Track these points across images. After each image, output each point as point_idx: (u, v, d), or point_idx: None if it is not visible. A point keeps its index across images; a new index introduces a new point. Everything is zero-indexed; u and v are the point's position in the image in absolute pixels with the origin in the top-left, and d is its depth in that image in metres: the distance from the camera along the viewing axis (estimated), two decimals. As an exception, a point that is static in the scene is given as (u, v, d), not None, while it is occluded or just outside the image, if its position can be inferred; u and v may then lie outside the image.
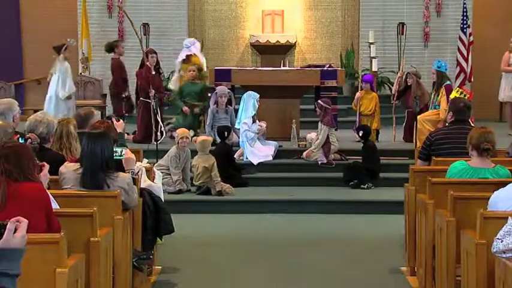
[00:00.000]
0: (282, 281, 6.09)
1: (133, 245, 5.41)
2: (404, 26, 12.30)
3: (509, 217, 3.85)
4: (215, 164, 8.92)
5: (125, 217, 4.97)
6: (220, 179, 8.94)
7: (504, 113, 13.34)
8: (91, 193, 4.79)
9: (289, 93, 10.91)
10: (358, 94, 11.33)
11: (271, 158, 10.01)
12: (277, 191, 9.29)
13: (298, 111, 11.09)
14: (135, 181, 5.32)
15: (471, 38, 13.03)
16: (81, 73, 13.18)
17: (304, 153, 9.98)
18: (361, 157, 9.74)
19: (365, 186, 9.37)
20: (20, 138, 5.17)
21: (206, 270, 6.40)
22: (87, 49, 13.39)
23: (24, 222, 2.82)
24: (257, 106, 10.29)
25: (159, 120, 10.82)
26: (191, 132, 9.96)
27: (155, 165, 8.37)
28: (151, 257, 5.88)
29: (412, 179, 6.17)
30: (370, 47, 12.43)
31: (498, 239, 3.83)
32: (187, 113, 10.98)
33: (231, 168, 9.56)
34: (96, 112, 6.69)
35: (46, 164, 4.35)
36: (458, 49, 13.03)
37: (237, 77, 11.14)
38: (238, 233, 7.86)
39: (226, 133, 9.76)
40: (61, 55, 11.07)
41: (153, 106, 10.51)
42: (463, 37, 12.98)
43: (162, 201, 6.07)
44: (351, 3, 14.73)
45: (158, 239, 6.11)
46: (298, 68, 13.17)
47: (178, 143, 9.03)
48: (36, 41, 14.65)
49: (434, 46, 13.93)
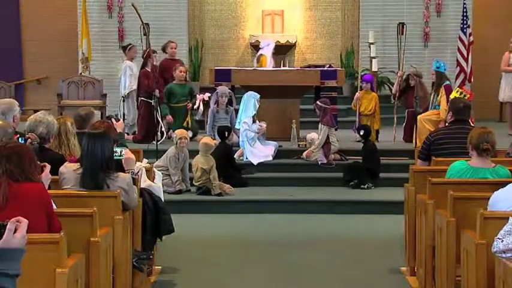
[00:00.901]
0: (282, 281, 6.10)
1: (133, 245, 5.41)
2: (404, 26, 12.27)
3: (510, 217, 3.85)
4: (214, 166, 8.91)
5: (124, 217, 4.97)
6: (219, 181, 8.94)
7: (504, 113, 13.34)
8: (91, 193, 4.79)
9: (289, 93, 10.91)
10: (357, 94, 11.34)
11: (271, 158, 10.01)
12: (277, 191, 9.29)
13: (298, 111, 11.09)
14: (135, 181, 5.32)
15: (471, 38, 13.03)
16: (81, 73, 13.18)
17: (304, 154, 9.99)
18: (361, 157, 9.75)
19: (365, 186, 9.37)
20: (20, 138, 5.17)
21: (206, 270, 6.40)
22: (87, 49, 13.39)
23: (24, 222, 2.81)
24: (258, 106, 10.29)
25: (160, 120, 10.83)
26: (190, 133, 9.97)
27: (154, 165, 8.37)
28: (151, 257, 5.88)
29: (412, 179, 6.16)
30: (370, 47, 12.42)
31: (498, 238, 3.84)
32: (171, 121, 10.94)
33: (231, 168, 9.57)
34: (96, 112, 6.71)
35: (47, 164, 4.35)
36: (458, 49, 13.03)
37: (237, 77, 11.14)
38: (238, 233, 7.86)
39: (226, 133, 9.78)
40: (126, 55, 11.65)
41: (153, 106, 10.52)
42: (463, 37, 12.98)
43: (162, 201, 6.07)
44: (351, 3, 14.74)
45: (158, 239, 6.11)
46: (298, 68, 13.16)
47: (176, 143, 9.05)
48: (36, 41, 14.67)
49: (434, 46, 13.93)
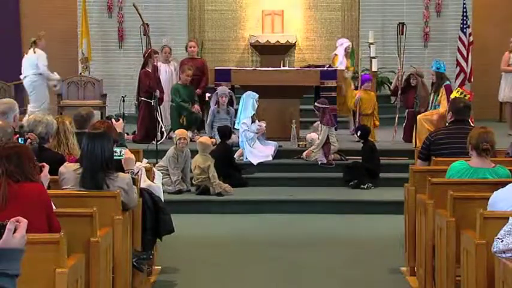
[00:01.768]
0: (282, 281, 6.10)
1: (133, 245, 5.41)
2: (404, 26, 12.27)
3: (510, 217, 3.85)
4: (212, 165, 8.92)
5: (124, 217, 4.97)
6: (218, 181, 8.94)
7: (504, 113, 13.34)
8: (91, 193, 4.79)
9: (289, 93, 10.92)
10: (358, 95, 11.36)
11: (271, 158, 10.01)
12: (277, 191, 9.29)
13: (298, 111, 11.10)
14: (135, 181, 5.32)
15: (471, 38, 13.04)
16: (81, 73, 13.19)
17: (304, 153, 9.99)
18: (360, 157, 9.75)
19: (365, 186, 9.38)
20: (19, 139, 5.17)
21: (206, 270, 6.40)
22: (87, 49, 13.40)
23: (24, 222, 2.81)
24: (256, 106, 10.30)
25: (160, 120, 10.84)
26: (189, 133, 9.98)
27: (155, 166, 8.38)
28: (151, 257, 5.88)
29: (412, 179, 6.17)
30: (369, 47, 12.42)
31: (498, 238, 3.84)
32: (199, 110, 10.99)
33: (231, 168, 9.58)
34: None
35: (46, 164, 4.35)
36: (458, 49, 13.04)
37: (236, 77, 11.15)
38: (238, 233, 7.87)
39: (228, 133, 9.81)
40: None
41: (153, 106, 10.53)
42: (463, 37, 12.98)
43: (162, 201, 6.07)
44: (351, 3, 14.74)
45: (158, 239, 6.11)
46: (298, 68, 13.16)
47: (176, 143, 9.05)
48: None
49: (434, 46, 13.94)
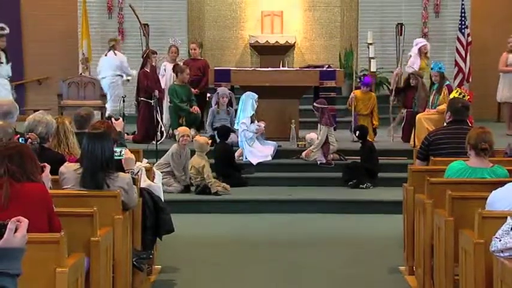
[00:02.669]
0: (281, 281, 6.10)
1: (133, 244, 5.41)
2: (403, 26, 12.31)
3: (508, 216, 3.86)
4: (206, 166, 8.95)
5: (124, 217, 4.97)
6: (212, 180, 8.96)
7: (502, 113, 13.35)
8: (91, 193, 4.79)
9: (289, 93, 10.93)
10: (352, 94, 11.35)
11: (270, 158, 10.02)
12: (277, 190, 9.30)
13: (297, 111, 11.11)
14: (135, 181, 5.32)
15: (469, 38, 13.06)
16: (81, 73, 13.19)
17: (304, 153, 10.00)
18: (359, 157, 9.76)
19: (364, 186, 9.38)
20: (20, 139, 5.17)
21: (206, 270, 6.40)
22: (87, 50, 13.40)
23: (25, 222, 2.82)
24: (256, 106, 10.31)
25: (160, 120, 10.84)
26: (192, 131, 10.01)
27: (155, 164, 8.40)
28: (151, 256, 5.88)
29: (411, 179, 6.17)
30: (368, 47, 12.46)
31: (496, 238, 3.84)
32: (196, 112, 10.99)
33: (231, 168, 9.59)
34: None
35: (47, 164, 4.35)
36: (457, 50, 13.06)
37: (236, 77, 11.15)
38: (237, 232, 7.87)
39: (226, 133, 9.82)
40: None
41: (153, 106, 10.53)
42: (461, 38, 13.01)
43: (162, 201, 6.07)
44: (350, 4, 14.75)
45: (158, 239, 6.11)
46: (297, 68, 13.18)
47: (179, 141, 9.09)
48: (37, 41, 14.68)
49: (433, 46, 13.89)
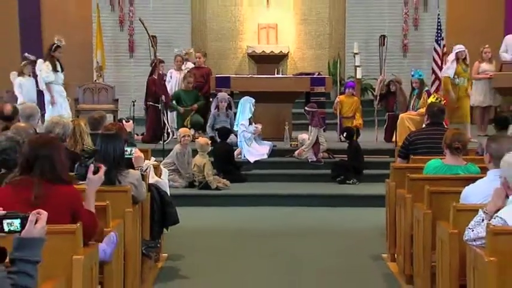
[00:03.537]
0: (275, 268, 6.08)
1: (142, 234, 5.40)
2: (386, 38, 12.30)
3: (480, 209, 3.86)
4: (207, 164, 8.95)
5: (134, 210, 4.96)
6: (212, 177, 8.95)
7: (474, 116, 13.34)
8: (104, 188, 4.76)
9: (283, 98, 10.92)
10: (337, 99, 11.36)
11: (266, 156, 10.01)
12: (272, 186, 9.29)
13: (291, 114, 11.10)
14: (144, 177, 5.31)
15: (445, 49, 13.06)
16: (95, 80, 13.17)
17: (296, 152, 9.98)
18: (346, 156, 9.75)
19: (350, 182, 9.37)
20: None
21: (208, 257, 6.39)
22: (101, 59, 13.39)
23: (44, 214, 2.81)
24: (253, 109, 10.31)
25: (166, 122, 10.83)
26: (192, 131, 10.03)
27: (162, 162, 8.39)
28: (158, 245, 5.87)
29: (393, 176, 6.16)
30: (354, 57, 12.44)
31: (469, 228, 3.84)
32: (182, 112, 11.02)
33: (231, 165, 9.57)
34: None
35: (103, 166, 4.28)
36: (434, 59, 13.05)
37: (235, 83, 11.15)
38: (236, 224, 7.85)
39: (226, 133, 9.81)
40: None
41: (160, 109, 10.53)
42: (438, 48, 13.01)
43: (168, 195, 6.06)
44: (338, 18, 14.75)
45: (165, 230, 6.10)
46: (291, 75, 13.14)
47: (180, 141, 9.09)
48: (56, 52, 14.62)
49: (412, 56, 13.97)
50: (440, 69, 12.91)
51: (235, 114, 10.63)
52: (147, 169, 5.73)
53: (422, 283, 4.93)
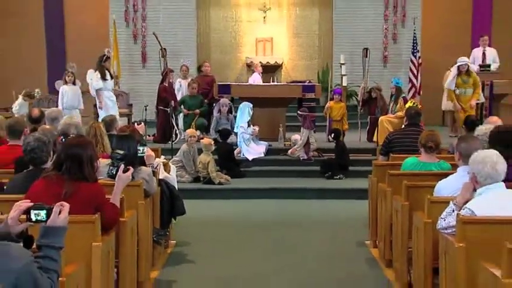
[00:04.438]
0: (271, 253, 6.09)
1: (153, 224, 5.40)
2: (368, 50, 12.29)
3: (451, 201, 3.86)
4: (211, 162, 8.94)
5: (146, 202, 4.96)
6: (215, 173, 8.94)
7: (445, 119, 13.39)
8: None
9: (277, 103, 10.90)
10: (327, 104, 11.37)
11: (263, 155, 10.01)
12: (268, 181, 9.27)
13: (285, 117, 11.08)
14: (155, 173, 5.31)
15: (420, 60, 13.09)
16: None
17: (289, 151, 9.98)
18: (334, 154, 9.75)
19: (337, 177, 9.37)
20: (62, 139, 5.15)
21: (211, 244, 6.39)
22: (117, 68, 13.37)
23: (67, 206, 2.81)
24: (251, 113, 10.31)
25: (175, 125, 10.83)
26: (198, 132, 10.03)
27: (171, 160, 8.39)
28: (167, 233, 5.87)
29: (374, 172, 6.17)
30: (341, 66, 12.42)
31: (442, 218, 3.84)
32: (186, 114, 11.01)
33: (232, 163, 9.57)
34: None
35: (132, 168, 4.31)
36: (410, 69, 13.08)
37: (235, 90, 11.14)
38: (237, 214, 7.85)
39: (227, 134, 9.82)
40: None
41: (169, 113, 10.53)
42: (414, 60, 13.04)
43: (176, 189, 6.06)
44: (326, 32, 14.76)
45: (173, 220, 6.10)
46: (284, 83, 13.15)
47: (187, 140, 9.09)
48: (78, 62, 14.60)
49: (392, 66, 13.98)
50: (416, 78, 12.95)
51: (235, 117, 10.63)
52: (157, 166, 5.73)
53: (400, 266, 4.93)
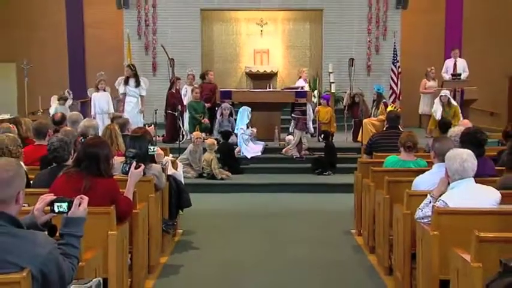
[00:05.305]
0: (268, 240, 6.09)
1: (162, 215, 5.39)
2: (353, 60, 12.29)
3: (428, 194, 3.87)
4: (214, 160, 8.96)
5: (156, 195, 4.96)
6: (217, 170, 8.94)
7: (422, 122, 13.40)
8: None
9: (273, 107, 10.91)
10: (316, 108, 11.39)
11: (260, 153, 10.00)
12: (265, 177, 9.28)
13: (279, 120, 11.08)
14: (164, 170, 5.30)
15: (399, 69, 13.10)
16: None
17: (284, 150, 9.98)
18: (323, 153, 9.75)
19: (326, 174, 9.38)
20: (82, 139, 5.14)
21: (214, 233, 6.39)
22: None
23: (86, 198, 2.81)
24: (250, 116, 10.31)
25: (182, 126, 10.82)
26: (203, 134, 10.02)
27: (178, 158, 8.38)
28: (175, 223, 5.86)
29: (359, 168, 6.17)
30: (329, 75, 12.43)
31: (419, 209, 3.85)
32: (205, 122, 10.96)
33: (232, 160, 9.57)
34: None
35: (143, 165, 4.31)
36: (391, 77, 13.08)
37: (236, 96, 11.14)
38: (237, 206, 7.85)
39: (228, 135, 9.82)
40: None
41: (177, 116, 10.53)
42: (394, 69, 13.05)
43: (183, 184, 6.05)
44: (316, 44, 14.76)
45: (180, 211, 6.10)
46: (279, 89, 13.13)
47: (194, 141, 9.10)
48: (95, 70, 14.57)
49: (374, 75, 13.97)
50: (396, 85, 12.98)
51: (236, 120, 10.63)
52: (166, 163, 5.71)
53: (382, 252, 4.94)
